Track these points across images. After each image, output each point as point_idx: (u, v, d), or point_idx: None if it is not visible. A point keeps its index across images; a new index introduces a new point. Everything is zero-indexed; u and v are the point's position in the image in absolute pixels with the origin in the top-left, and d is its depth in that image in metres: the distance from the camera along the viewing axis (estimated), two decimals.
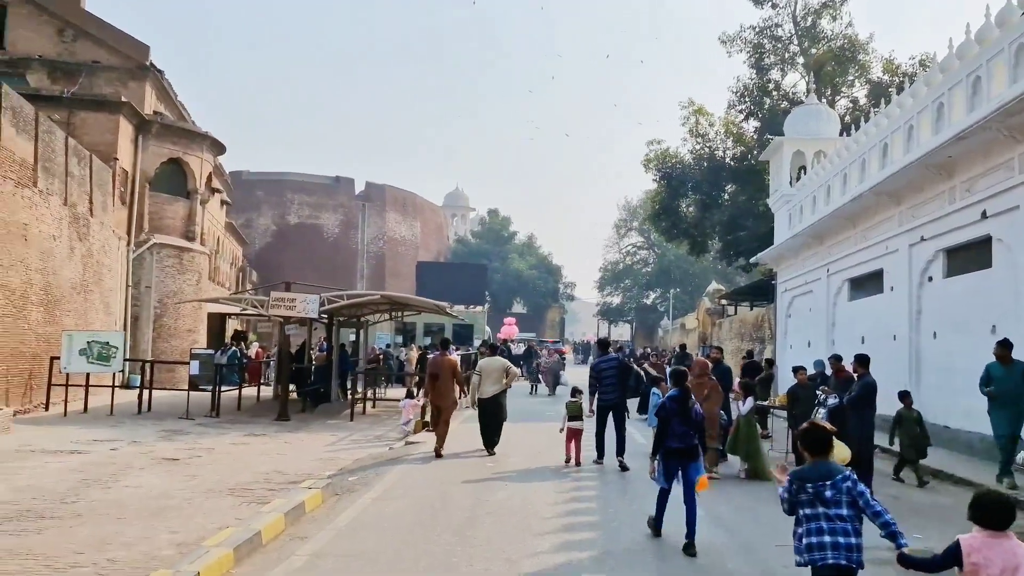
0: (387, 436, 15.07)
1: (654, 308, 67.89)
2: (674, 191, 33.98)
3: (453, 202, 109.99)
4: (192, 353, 17.03)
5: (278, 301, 17.18)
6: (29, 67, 24.50)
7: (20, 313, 16.10)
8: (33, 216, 16.79)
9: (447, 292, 35.11)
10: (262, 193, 59.17)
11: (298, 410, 18.67)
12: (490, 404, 12.65)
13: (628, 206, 68.69)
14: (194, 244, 26.25)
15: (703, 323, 40.73)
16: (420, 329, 32.85)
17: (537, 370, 26.50)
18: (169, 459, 11.68)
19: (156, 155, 25.07)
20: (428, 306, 18.96)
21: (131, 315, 24.24)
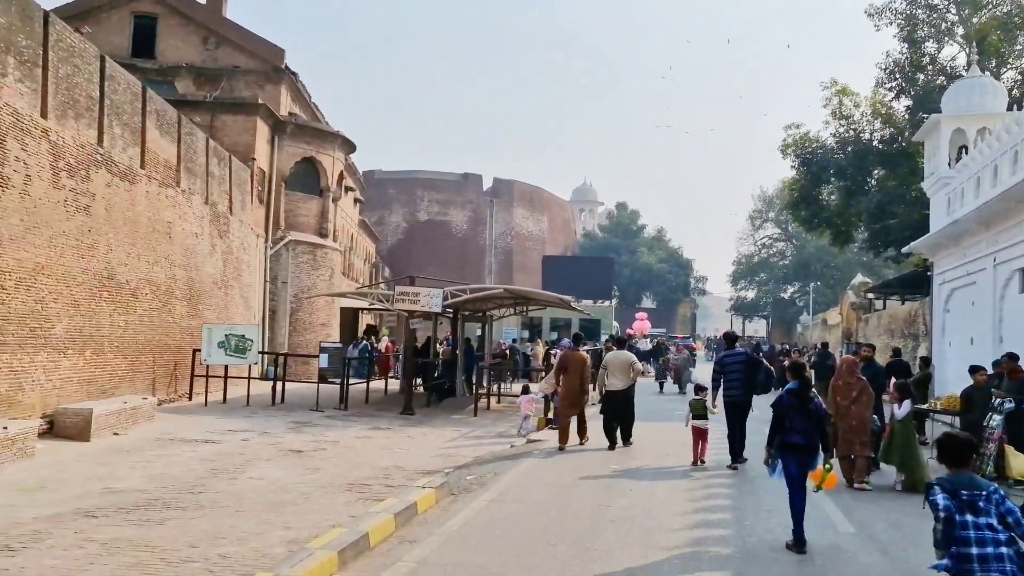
0: (509, 433, 14.74)
1: (792, 303, 64.55)
2: (815, 178, 31.87)
3: (581, 197, 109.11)
4: (321, 346, 17.40)
5: (403, 295, 17.22)
6: (177, 74, 25.92)
7: (165, 307, 16.91)
8: (176, 215, 17.60)
9: (573, 286, 34.60)
10: (393, 191, 60.72)
11: (423, 404, 18.70)
12: (617, 398, 12.39)
13: (763, 196, 65.74)
14: (327, 240, 27.00)
15: (847, 318, 38.16)
16: (546, 324, 32.51)
17: (665, 367, 25.45)
18: (294, 451, 11.80)
19: (291, 154, 25.94)
20: (551, 300, 18.52)
21: (269, 309, 25.20)
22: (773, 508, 8.24)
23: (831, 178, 31.80)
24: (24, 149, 11.51)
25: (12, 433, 9.88)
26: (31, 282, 11.69)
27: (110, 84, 14.38)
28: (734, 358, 11.42)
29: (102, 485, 8.93)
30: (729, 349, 11.91)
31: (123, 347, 14.82)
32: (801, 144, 31.75)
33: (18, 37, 11.38)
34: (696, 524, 7.51)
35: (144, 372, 15.85)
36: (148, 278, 16.04)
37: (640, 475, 10.24)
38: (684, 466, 11.03)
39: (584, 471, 10.22)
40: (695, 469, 10.83)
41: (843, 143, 31.69)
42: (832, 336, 43.35)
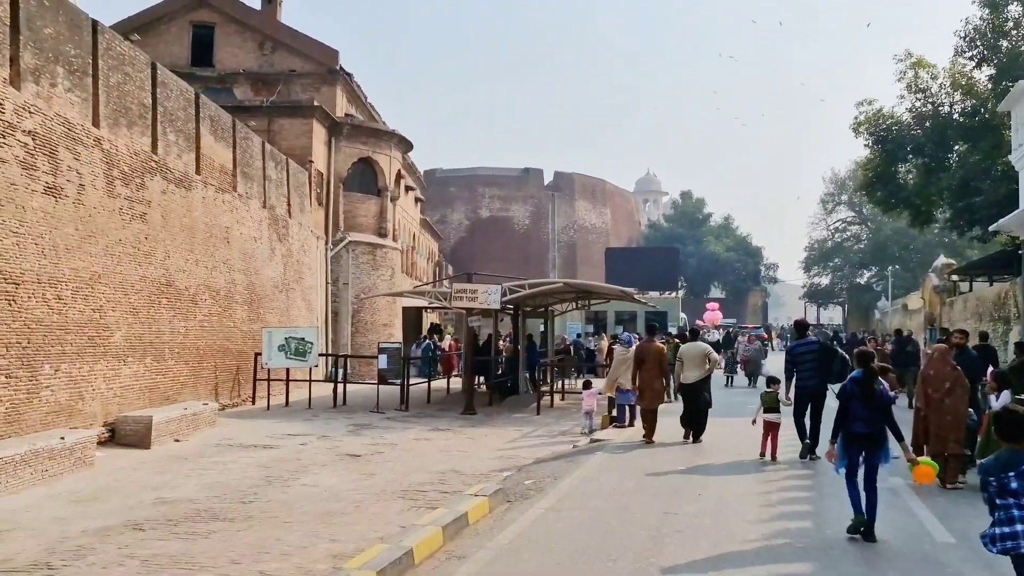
0: (572, 431, 14.23)
1: (868, 288, 61.95)
2: (891, 156, 30.25)
3: (644, 187, 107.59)
4: (380, 347, 17.20)
5: (460, 292, 16.88)
6: (235, 81, 26.22)
7: (226, 312, 16.96)
8: (234, 219, 17.65)
9: (637, 278, 33.74)
10: (454, 189, 60.77)
11: (485, 403, 18.34)
12: (692, 390, 12.27)
13: (835, 179, 63.20)
14: (386, 240, 26.94)
15: (930, 303, 36.26)
16: (611, 318, 31.79)
17: (733, 359, 24.37)
18: (351, 455, 11.56)
19: (347, 155, 25.94)
20: (612, 292, 17.89)
21: (331, 311, 25.26)
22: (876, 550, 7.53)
23: (908, 155, 30.14)
24: (77, 158, 11.54)
25: (70, 443, 9.87)
26: (88, 291, 11.73)
27: (162, 91, 14.41)
28: (807, 347, 10.95)
29: (155, 495, 8.80)
30: (801, 338, 11.43)
31: (184, 353, 14.87)
32: (875, 121, 30.17)
33: (66, 47, 11.41)
34: (772, 535, 6.87)
35: (206, 377, 15.90)
36: (207, 283, 16.09)
37: (710, 476, 9.60)
38: (755, 462, 10.43)
39: (649, 473, 9.64)
40: (766, 465, 10.29)
41: (920, 118, 30.02)
42: (913, 322, 41.32)
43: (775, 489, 8.82)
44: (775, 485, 9.08)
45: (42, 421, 10.52)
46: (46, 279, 10.74)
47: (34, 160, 10.56)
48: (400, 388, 17.32)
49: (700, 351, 12.52)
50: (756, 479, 9.51)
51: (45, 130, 10.81)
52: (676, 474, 9.61)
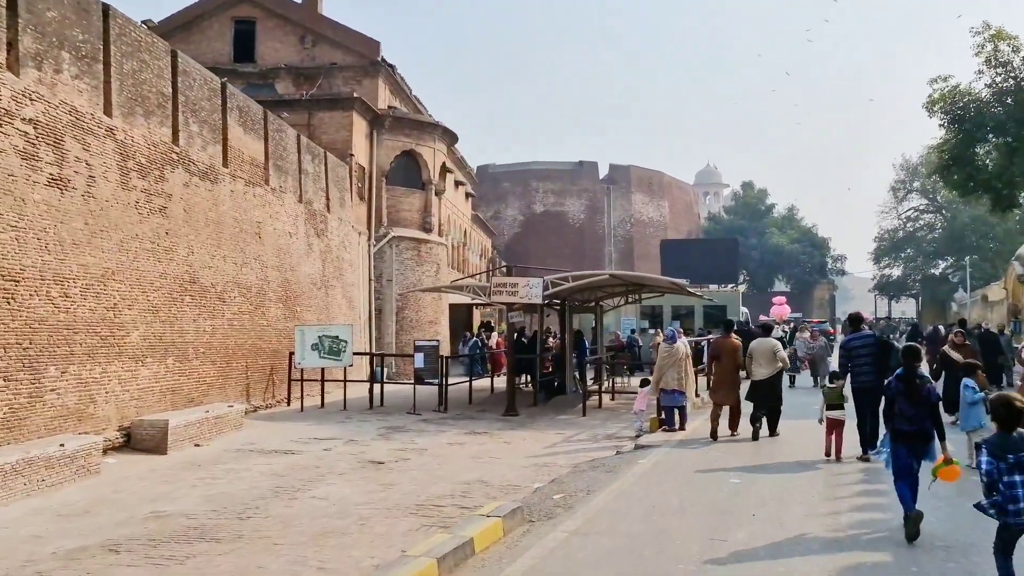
0: (620, 435, 13.14)
1: (944, 279, 58.67)
2: (968, 136, 28.05)
3: (704, 180, 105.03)
4: (416, 345, 16.35)
5: (500, 287, 15.93)
6: (277, 76, 25.79)
7: (258, 310, 16.37)
8: (267, 214, 17.05)
9: (695, 271, 32.28)
10: (508, 184, 59.84)
11: (529, 404, 17.36)
12: (763, 387, 11.98)
13: (907, 165, 60.02)
14: (431, 235, 26.16)
15: (1014, 293, 33.81)
16: (667, 313, 30.38)
17: (795, 357, 22.40)
18: (374, 463, 10.72)
19: (390, 148, 25.23)
20: (662, 284, 16.69)
21: (374, 308, 24.61)
22: (947, 539, 6.31)
23: (988, 135, 27.93)
24: (86, 149, 10.97)
25: (71, 450, 9.25)
26: (100, 288, 11.15)
27: (184, 80, 13.81)
28: (862, 341, 10.46)
29: (151, 508, 8.08)
30: (855, 331, 10.93)
31: (211, 353, 14.28)
32: (951, 98, 28.01)
33: (73, 31, 10.83)
34: (840, 570, 5.69)
35: (236, 378, 15.31)
36: (237, 280, 15.49)
37: (767, 487, 8.42)
38: (819, 464, 9.47)
39: (696, 487, 8.50)
40: (830, 467, 9.59)
41: (1000, 94, 27.79)
42: (995, 314, 38.70)
43: (845, 508, 7.58)
44: (845, 502, 7.84)
45: (47, 426, 9.95)
46: (50, 276, 10.17)
47: (36, 150, 9.99)
48: (439, 388, 16.46)
49: (770, 347, 12.15)
50: (820, 491, 8.29)
51: (49, 118, 10.24)
52: (728, 487, 8.45)
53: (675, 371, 12.13)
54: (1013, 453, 4.74)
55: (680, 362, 12.25)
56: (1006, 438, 4.84)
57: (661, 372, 12.28)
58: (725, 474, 9.13)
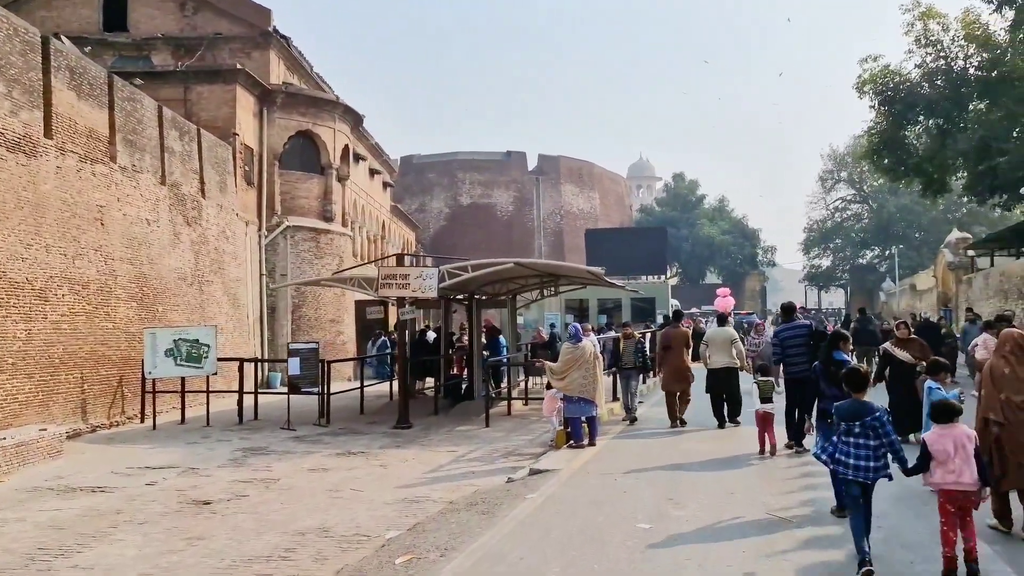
0: (522, 451, 11.10)
1: (872, 268, 58.70)
2: (899, 118, 27.01)
3: (637, 172, 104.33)
4: (290, 349, 13.94)
5: (389, 279, 13.69)
6: (154, 47, 22.98)
7: (99, 311, 13.76)
8: (112, 196, 14.44)
9: (623, 262, 30.59)
10: (433, 175, 57.41)
11: (429, 412, 15.18)
12: (721, 375, 12.06)
13: (835, 155, 59.83)
14: (332, 225, 23.71)
15: (943, 281, 33.16)
16: (593, 306, 28.61)
17: None
18: (200, 503, 8.41)
19: (283, 128, 22.69)
20: (577, 274, 14.73)
21: (266, 306, 22.07)
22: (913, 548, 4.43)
23: (919, 116, 26.93)
24: None
25: None
26: None
27: None
28: (795, 331, 10.22)
29: None
30: (787, 321, 10.60)
31: (24, 364, 11.67)
32: (881, 79, 26.93)
33: None
34: None
35: (66, 393, 12.70)
36: (66, 275, 12.88)
37: (686, 526, 6.44)
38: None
39: (592, 541, 6.42)
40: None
41: (930, 75, 26.81)
42: (924, 303, 38.22)
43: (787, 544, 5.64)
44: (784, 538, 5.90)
45: None
46: None
47: None
48: (319, 399, 14.12)
49: (727, 336, 12.37)
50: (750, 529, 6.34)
51: None
52: (635, 536, 6.41)
53: (581, 375, 10.14)
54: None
55: (586, 364, 10.27)
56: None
57: (562, 375, 10.30)
58: (633, 512, 7.10)
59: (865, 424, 5.43)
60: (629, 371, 13.22)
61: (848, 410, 5.56)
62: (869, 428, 5.42)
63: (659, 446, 10.76)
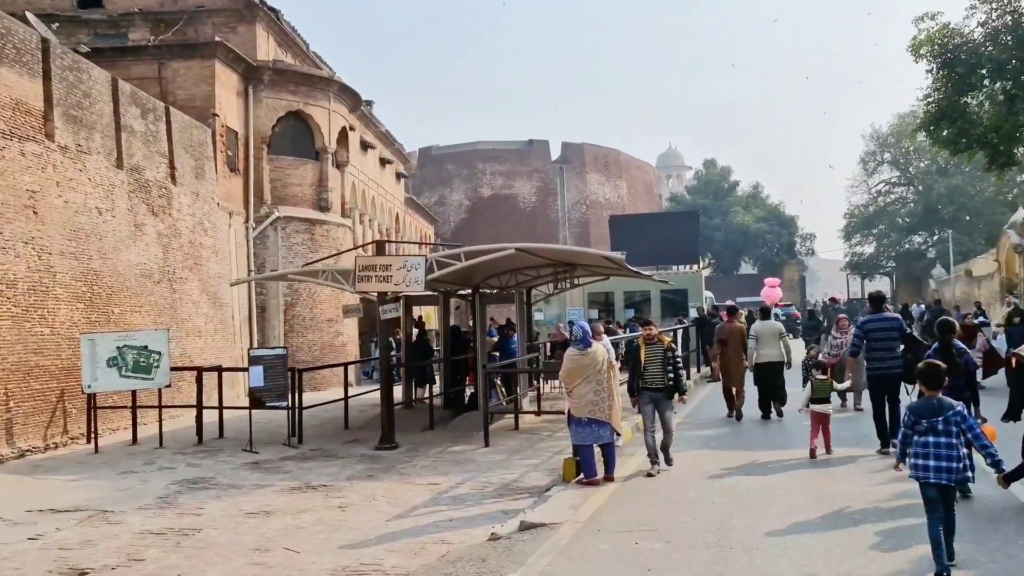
0: (521, 484, 8.79)
1: (920, 255, 55.21)
2: (960, 83, 24.12)
3: (667, 163, 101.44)
4: (251, 356, 11.67)
5: (367, 271, 11.45)
6: (131, 24, 20.96)
7: (30, 314, 11.70)
8: (48, 180, 12.36)
9: (651, 251, 28.05)
10: (452, 167, 55.21)
11: (423, 427, 12.93)
12: (768, 370, 12.16)
13: (876, 135, 56.42)
14: (328, 215, 21.54)
15: (1008, 265, 30.12)
16: (619, 300, 26.18)
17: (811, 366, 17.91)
18: (77, 571, 6.20)
19: (271, 109, 20.57)
20: (593, 260, 12.33)
21: (256, 306, 19.98)
22: None
23: (984, 80, 24.01)
24: None
25: None
26: None
27: None
28: (884, 323, 9.45)
29: None
30: (876, 312, 9.83)
31: None
32: (940, 39, 24.05)
33: None
34: None
35: None
36: None
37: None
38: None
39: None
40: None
41: (995, 34, 23.86)
42: (983, 290, 35.13)
43: None
44: None
45: None
46: None
47: None
48: (289, 415, 11.91)
49: (774, 329, 12.53)
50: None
51: None
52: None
53: (591, 389, 7.80)
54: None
55: (598, 375, 7.91)
56: None
57: (567, 388, 7.97)
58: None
59: (948, 420, 5.13)
60: (655, 393, 8.80)
61: (926, 407, 5.27)
62: (952, 424, 5.12)
63: (695, 480, 8.36)
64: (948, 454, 5.06)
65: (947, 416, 5.13)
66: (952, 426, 5.11)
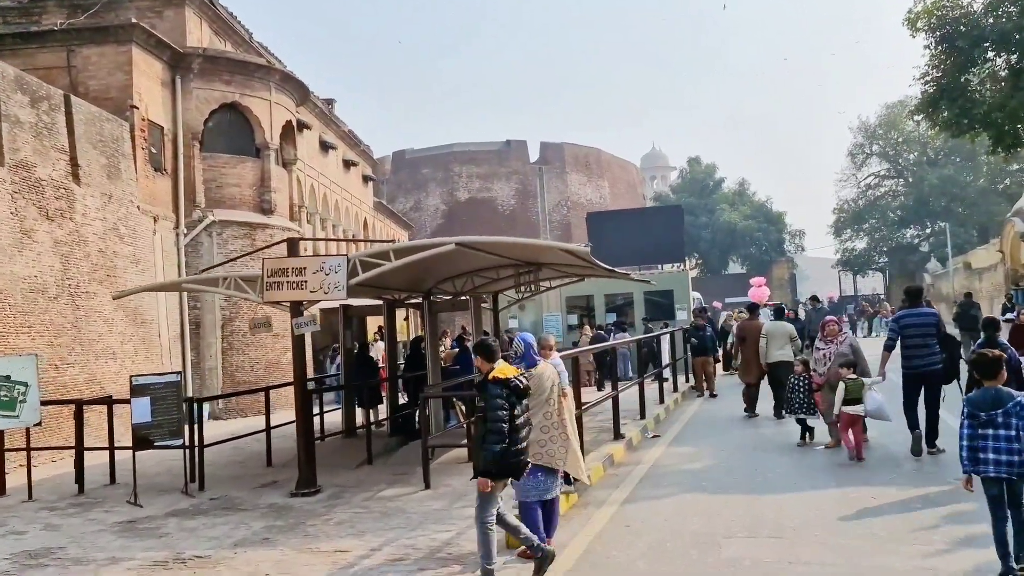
0: (455, 547, 6.66)
1: (913, 248, 53.51)
2: (961, 59, 22.31)
3: (650, 163, 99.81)
4: (134, 385, 9.42)
5: (277, 276, 9.33)
6: (44, 9, 18.72)
7: None
8: None
9: (633, 249, 26.01)
10: (427, 170, 53.11)
11: (359, 462, 10.81)
12: (780, 370, 12.15)
13: (864, 127, 54.74)
14: (272, 218, 19.36)
15: (1013, 255, 28.26)
16: (599, 303, 24.12)
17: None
18: None
19: (203, 101, 18.41)
20: (552, 255, 10.18)
21: (189, 321, 17.77)
22: None
23: (988, 54, 22.17)
24: None
25: None
26: None
27: None
28: (922, 318, 9.14)
29: None
30: (913, 306, 9.36)
31: None
32: (938, 10, 22.21)
33: None
34: None
35: None
36: None
37: None
38: None
39: None
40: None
41: (995, 5, 22.05)
42: (986, 282, 33.32)
43: None
44: None
45: None
46: None
47: None
48: (186, 456, 9.73)
49: (785, 330, 12.67)
50: None
51: None
52: None
53: (535, 424, 5.72)
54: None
55: (546, 404, 5.83)
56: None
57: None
58: None
59: (1008, 412, 4.88)
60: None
61: (984, 399, 4.99)
62: (1014, 415, 4.85)
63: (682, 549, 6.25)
64: (1008, 447, 4.84)
65: (1008, 408, 4.88)
66: (1013, 418, 4.86)
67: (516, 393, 5.34)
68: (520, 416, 5.39)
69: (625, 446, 10.66)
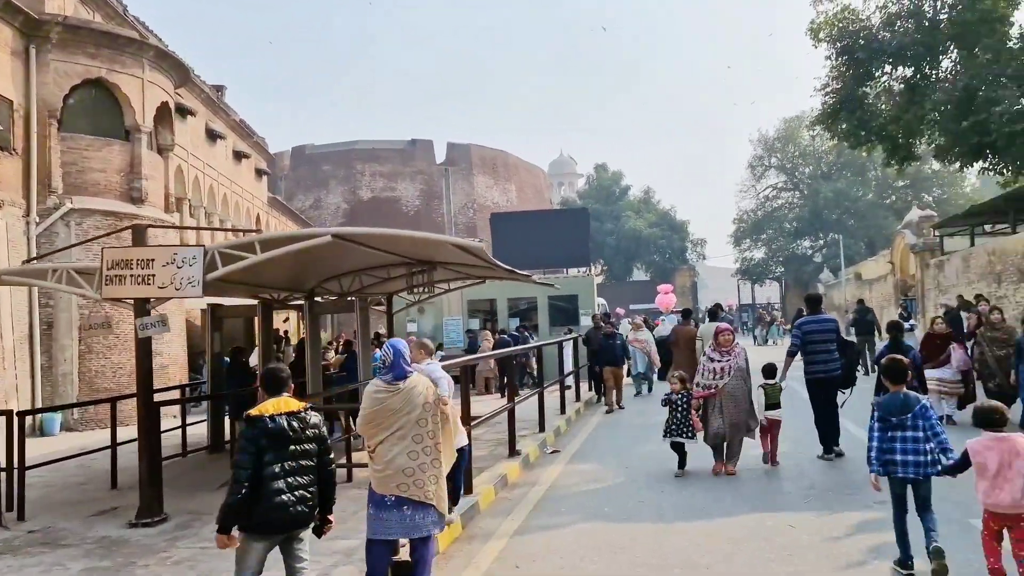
0: None
1: (807, 259, 55.21)
2: (860, 71, 22.63)
3: (558, 169, 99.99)
4: None
5: (119, 268, 7.94)
6: None
7: None
8: None
9: (538, 253, 25.26)
10: (329, 167, 51.11)
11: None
12: None
13: (763, 140, 56.20)
14: (143, 208, 17.53)
15: (902, 267, 29.05)
16: (502, 307, 23.22)
17: None
18: None
19: (63, 76, 16.46)
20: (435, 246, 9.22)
21: (40, 320, 15.82)
22: None
23: (887, 66, 22.54)
24: None
25: None
26: None
27: None
28: (822, 326, 9.34)
29: None
30: (813, 313, 9.59)
31: None
32: (840, 22, 22.44)
33: None
34: None
35: None
36: None
37: None
38: None
39: None
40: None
41: (892, 20, 22.48)
42: (875, 292, 34.29)
43: None
44: None
45: None
46: None
47: None
48: (3, 480, 8.18)
49: None
50: None
51: None
52: None
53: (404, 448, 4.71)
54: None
55: (416, 425, 4.81)
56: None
57: (370, 441, 4.86)
58: None
59: (916, 415, 5.16)
60: None
61: (894, 403, 5.27)
62: (920, 418, 5.14)
63: None
64: (915, 448, 5.10)
65: (915, 411, 5.16)
66: (920, 420, 5.14)
67: (271, 436, 4.29)
68: (288, 460, 4.32)
69: (521, 464, 9.72)
